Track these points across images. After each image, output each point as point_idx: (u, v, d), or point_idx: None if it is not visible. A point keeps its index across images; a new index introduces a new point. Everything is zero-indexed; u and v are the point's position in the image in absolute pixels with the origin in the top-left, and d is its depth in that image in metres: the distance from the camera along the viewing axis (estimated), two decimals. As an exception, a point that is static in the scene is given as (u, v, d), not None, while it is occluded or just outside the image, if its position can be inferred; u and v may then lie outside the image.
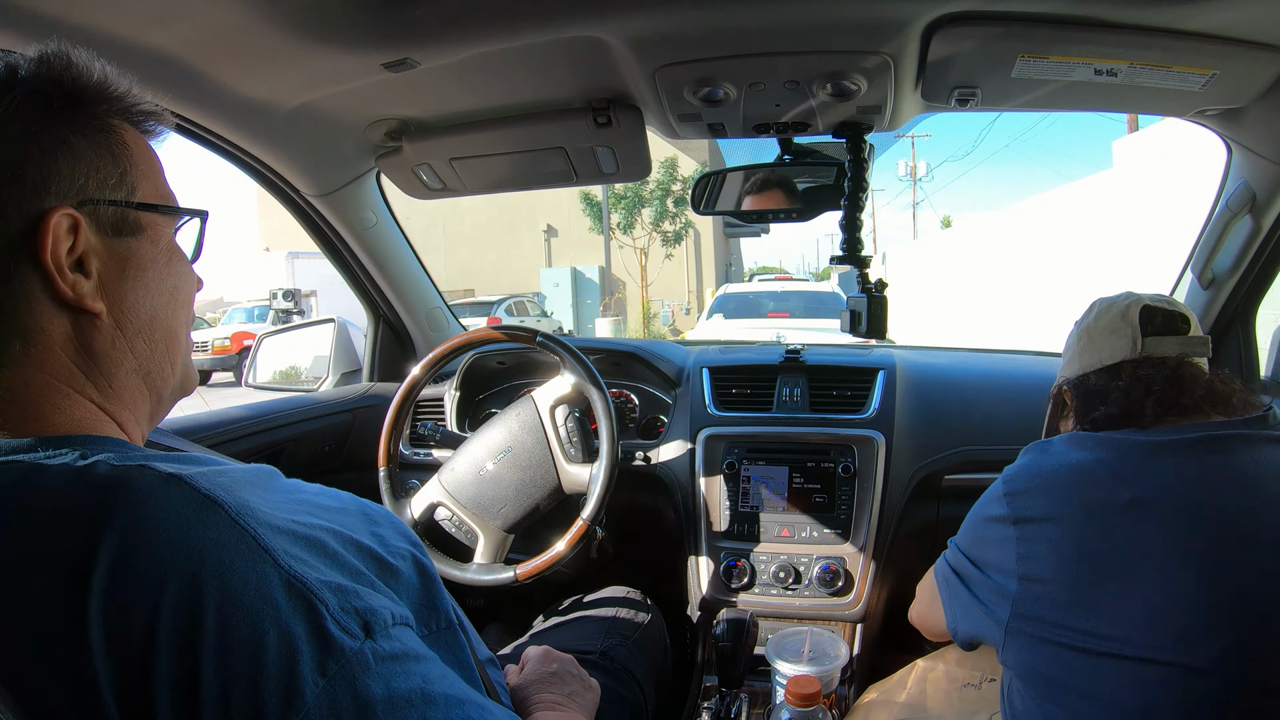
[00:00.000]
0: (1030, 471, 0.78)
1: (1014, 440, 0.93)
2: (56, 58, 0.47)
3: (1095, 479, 0.73)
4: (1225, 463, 0.72)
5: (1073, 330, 0.92)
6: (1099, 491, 0.72)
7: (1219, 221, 1.30)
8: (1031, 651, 0.72)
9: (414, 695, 0.41)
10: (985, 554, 0.79)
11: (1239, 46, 0.91)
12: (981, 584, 0.78)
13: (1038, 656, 0.72)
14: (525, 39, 0.93)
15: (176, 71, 0.93)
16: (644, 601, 1.26)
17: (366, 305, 1.72)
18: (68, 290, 0.46)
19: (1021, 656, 0.73)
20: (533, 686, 0.77)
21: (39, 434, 0.45)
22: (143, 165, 0.51)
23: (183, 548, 0.39)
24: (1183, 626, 0.65)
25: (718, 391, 1.50)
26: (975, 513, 0.83)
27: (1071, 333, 0.92)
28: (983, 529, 0.81)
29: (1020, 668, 0.74)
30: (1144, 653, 0.65)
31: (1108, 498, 0.71)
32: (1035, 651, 0.72)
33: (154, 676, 0.37)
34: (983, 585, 0.78)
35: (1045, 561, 0.71)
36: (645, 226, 16.81)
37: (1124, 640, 0.66)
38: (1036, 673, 0.73)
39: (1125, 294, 0.88)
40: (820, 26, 0.91)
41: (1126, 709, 0.66)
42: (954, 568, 0.84)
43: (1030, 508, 0.75)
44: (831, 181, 1.28)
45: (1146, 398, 0.78)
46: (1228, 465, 0.72)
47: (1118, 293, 0.89)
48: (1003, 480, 0.79)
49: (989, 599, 0.77)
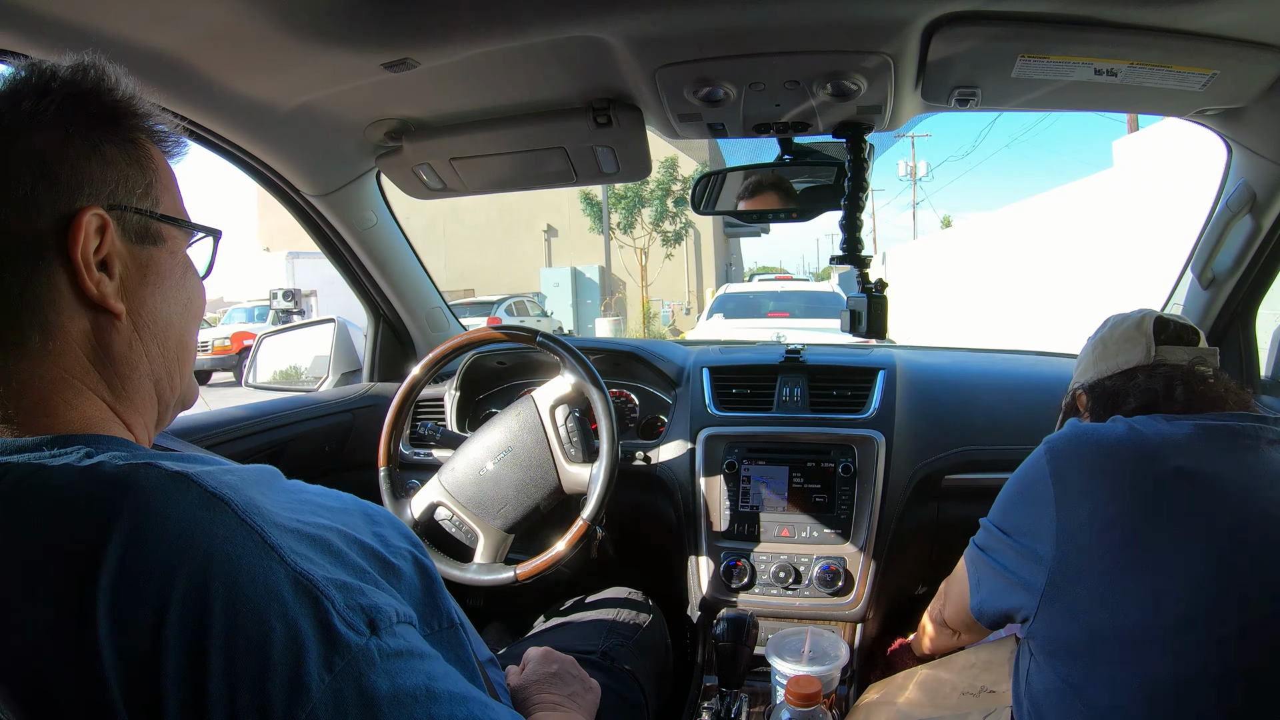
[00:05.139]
0: (1076, 438, 0.79)
1: (1014, 440, 0.94)
2: (91, 68, 0.49)
3: (1144, 447, 0.75)
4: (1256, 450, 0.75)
5: (1086, 344, 0.95)
6: (1147, 459, 0.73)
7: (1219, 221, 1.30)
8: (1064, 620, 0.73)
9: (419, 692, 0.42)
10: (1020, 520, 0.80)
11: (1239, 46, 0.92)
12: (1012, 552, 0.79)
13: (1070, 626, 0.72)
14: (525, 39, 0.93)
15: (177, 72, 0.93)
16: (645, 602, 1.27)
17: (366, 305, 1.72)
18: (92, 288, 0.47)
19: (1051, 627, 0.74)
20: (533, 687, 0.77)
21: (49, 430, 0.46)
22: (165, 180, 0.53)
23: (190, 545, 0.39)
24: (1219, 596, 0.67)
25: (718, 391, 1.50)
26: (1011, 482, 0.84)
27: (1085, 346, 0.95)
28: (1020, 494, 0.82)
29: (1049, 638, 0.75)
30: (1181, 621, 0.67)
31: (1156, 465, 0.73)
32: (1069, 621, 0.72)
33: (161, 672, 0.37)
34: (1013, 553, 0.79)
35: (1086, 526, 0.72)
36: (645, 226, 16.81)
37: (1162, 605, 0.67)
38: (1065, 643, 0.73)
39: (1139, 309, 0.92)
40: (820, 26, 0.91)
41: (1158, 678, 0.67)
42: (982, 546, 0.85)
43: (1073, 468, 0.76)
44: (831, 181, 1.28)
45: (1172, 388, 0.82)
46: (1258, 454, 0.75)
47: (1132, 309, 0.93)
48: (1045, 443, 0.80)
49: (1021, 566, 0.77)
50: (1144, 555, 0.69)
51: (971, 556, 0.88)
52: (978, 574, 0.86)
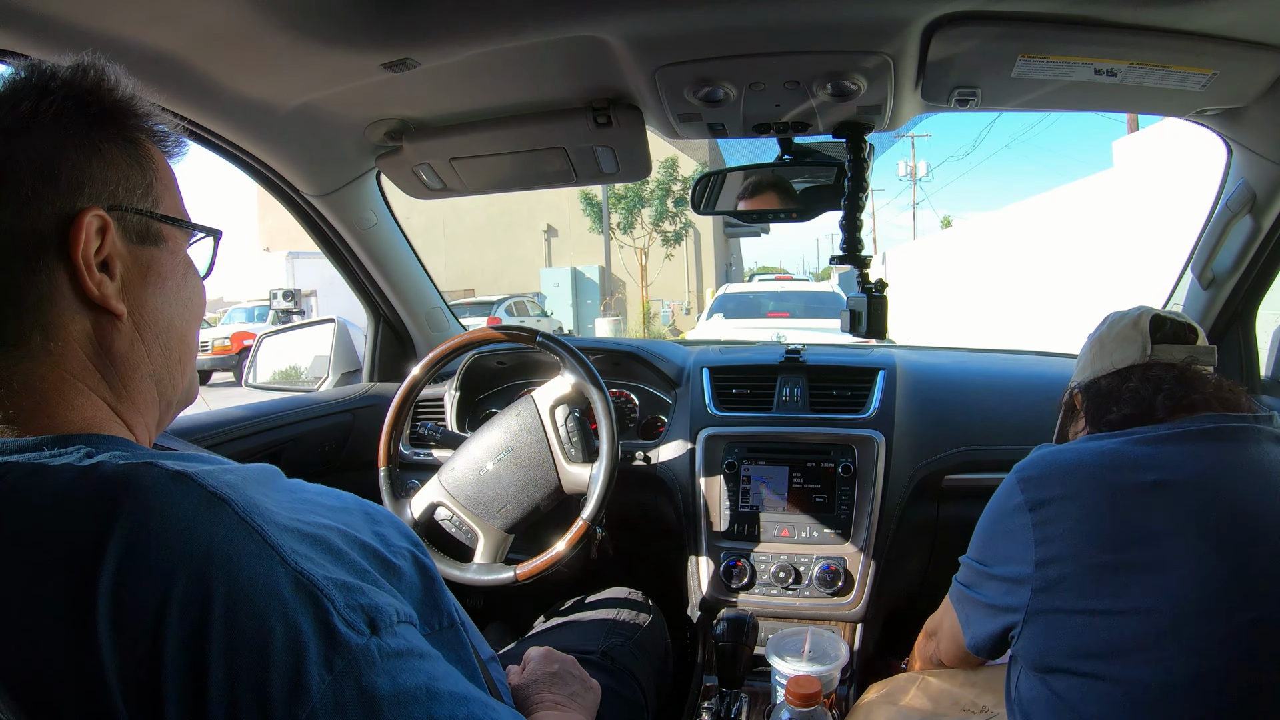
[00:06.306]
0: (1046, 460, 0.79)
1: (1014, 440, 0.94)
2: (91, 68, 0.49)
3: (1116, 463, 0.74)
4: (1239, 451, 0.74)
5: (1085, 341, 0.94)
6: (1121, 474, 0.73)
7: (1219, 221, 1.30)
8: (1047, 637, 0.72)
9: (419, 691, 0.42)
10: (998, 549, 0.79)
11: (1239, 46, 0.92)
12: (993, 582, 0.79)
13: (1054, 642, 0.72)
14: (525, 39, 0.93)
15: (177, 72, 0.93)
16: (645, 602, 1.26)
17: (366, 305, 1.72)
18: (94, 289, 0.47)
19: (1036, 643, 0.74)
20: (534, 686, 0.77)
21: (49, 430, 0.46)
22: (165, 180, 0.53)
23: (190, 544, 0.39)
24: (1205, 604, 0.66)
25: (718, 391, 1.50)
26: (985, 515, 0.84)
27: (1085, 343, 0.94)
28: (995, 526, 0.81)
29: (1035, 654, 0.74)
30: (1165, 632, 0.66)
31: (1130, 480, 0.72)
32: (1052, 637, 0.72)
33: (162, 672, 0.37)
34: (994, 583, 0.78)
35: (1064, 542, 0.72)
36: (645, 226, 16.81)
37: (1145, 619, 0.67)
38: (1050, 660, 0.73)
39: (1137, 306, 0.92)
40: (820, 26, 0.91)
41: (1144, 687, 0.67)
42: (964, 582, 0.85)
43: (1047, 490, 0.75)
44: (831, 181, 1.28)
45: (1156, 395, 0.81)
46: (1240, 453, 0.74)
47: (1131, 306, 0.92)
48: (1015, 471, 0.80)
49: (1003, 592, 0.77)
50: (1124, 569, 0.69)
51: (957, 596, 0.87)
52: (965, 611, 0.85)
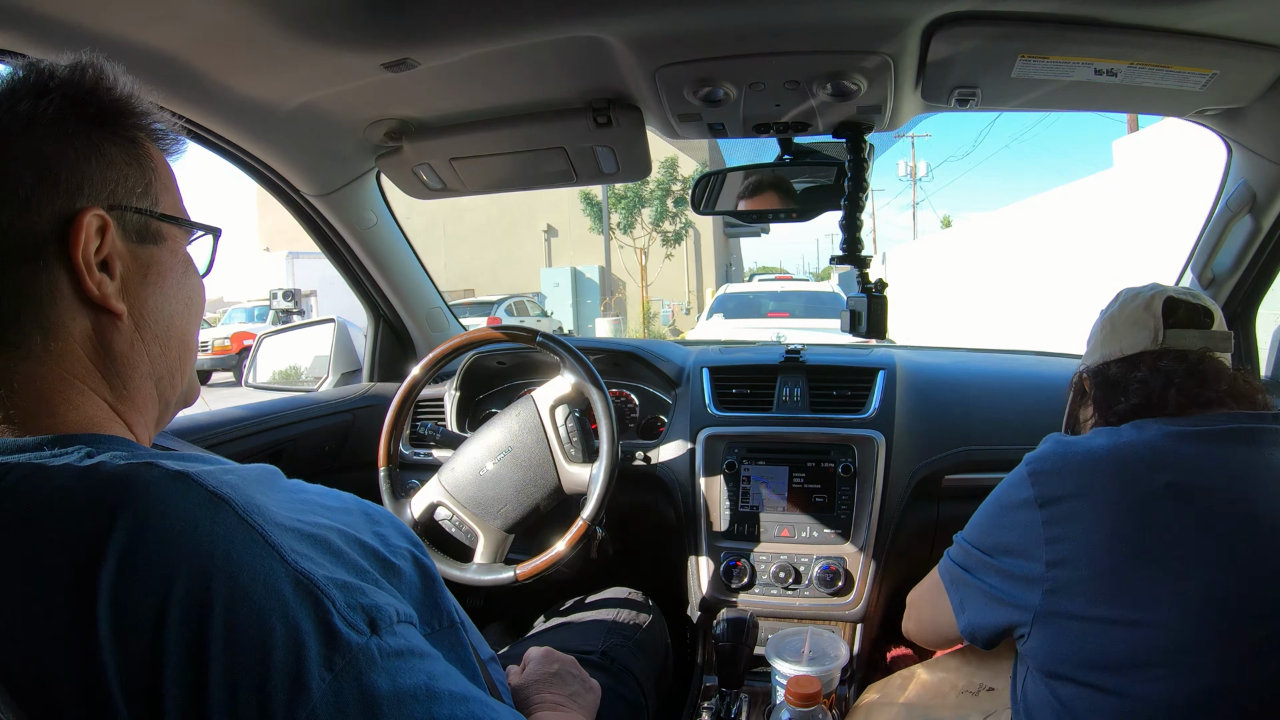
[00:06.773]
0: (1058, 454, 0.75)
1: (1014, 440, 0.93)
2: (90, 68, 0.49)
3: (1129, 460, 0.71)
4: (1257, 454, 0.71)
5: (1098, 318, 0.90)
6: (1134, 474, 0.70)
7: (1219, 221, 1.30)
8: (1055, 642, 0.70)
9: (419, 691, 0.42)
10: (1003, 540, 0.76)
11: (1239, 46, 0.92)
12: (996, 573, 0.76)
13: (1062, 648, 0.70)
14: (525, 39, 0.93)
15: (176, 71, 0.93)
16: (645, 602, 1.26)
17: (366, 305, 1.72)
18: (94, 288, 0.47)
19: (1045, 645, 0.71)
20: (534, 687, 0.77)
21: (50, 430, 0.46)
22: (164, 179, 0.53)
23: (191, 543, 0.39)
24: (1221, 616, 0.64)
25: (718, 391, 1.50)
26: (991, 502, 0.80)
27: (1096, 321, 0.90)
28: (1001, 516, 0.78)
29: (1043, 658, 0.72)
30: (1179, 642, 0.64)
31: (1144, 480, 0.69)
32: (1059, 642, 0.70)
33: (162, 671, 0.37)
34: (998, 574, 0.76)
35: (1076, 544, 0.69)
36: (645, 226, 16.81)
37: (1155, 633, 0.65)
38: (1057, 666, 0.71)
39: (1151, 285, 0.86)
40: (820, 26, 0.91)
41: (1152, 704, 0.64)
42: (962, 564, 0.82)
43: (1058, 488, 0.72)
44: (831, 181, 1.28)
45: (1168, 389, 0.77)
46: (1259, 457, 0.71)
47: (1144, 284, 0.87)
48: (1026, 464, 0.77)
49: (1010, 588, 0.74)
50: (1136, 577, 0.66)
51: (951, 576, 0.83)
52: (961, 594, 0.81)
